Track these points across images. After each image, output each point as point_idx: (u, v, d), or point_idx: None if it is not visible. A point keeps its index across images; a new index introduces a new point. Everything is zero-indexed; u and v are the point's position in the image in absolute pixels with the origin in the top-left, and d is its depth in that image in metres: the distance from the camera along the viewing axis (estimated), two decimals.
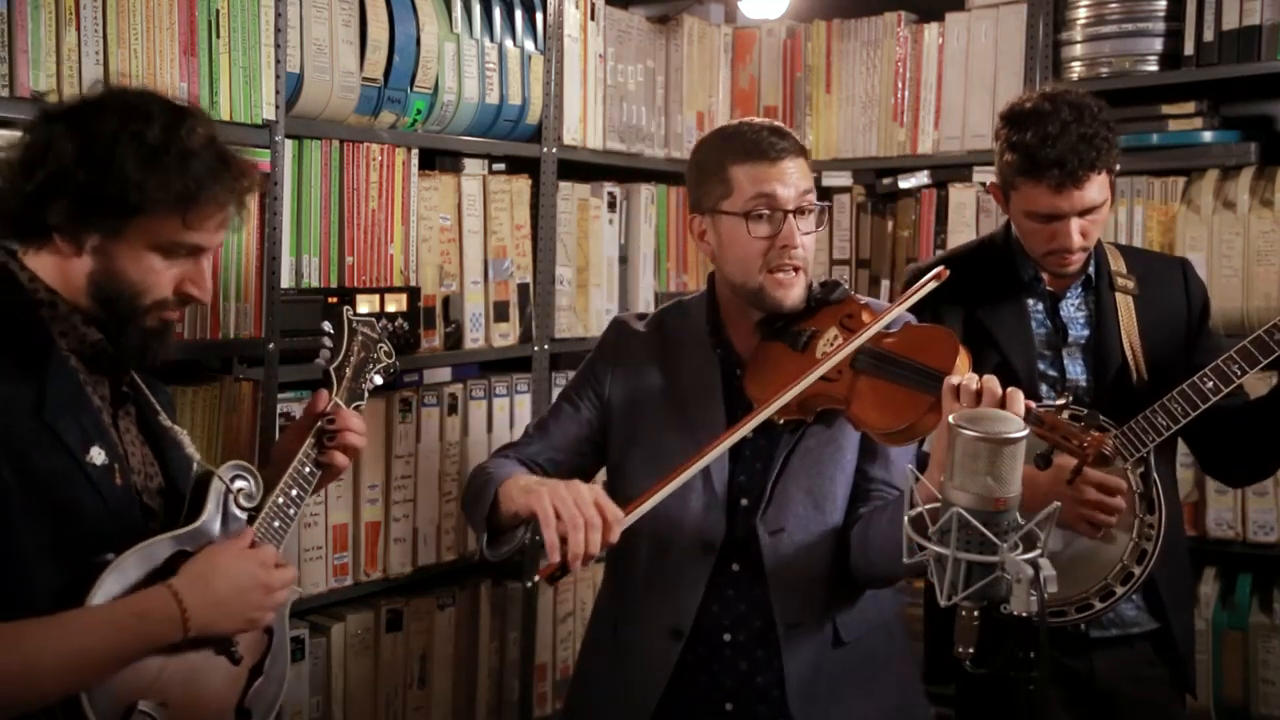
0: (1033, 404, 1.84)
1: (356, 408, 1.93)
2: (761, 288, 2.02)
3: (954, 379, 1.84)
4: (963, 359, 1.94)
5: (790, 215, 1.99)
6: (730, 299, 2.12)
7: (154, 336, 1.64)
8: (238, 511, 1.71)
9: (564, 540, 1.81)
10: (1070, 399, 2.07)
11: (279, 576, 1.69)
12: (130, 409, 1.70)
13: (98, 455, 1.57)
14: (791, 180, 2.00)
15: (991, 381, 1.81)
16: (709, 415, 2.08)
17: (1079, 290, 2.38)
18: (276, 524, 1.75)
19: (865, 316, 2.05)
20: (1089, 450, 1.86)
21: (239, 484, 1.72)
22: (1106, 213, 2.30)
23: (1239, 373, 2.18)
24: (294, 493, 1.80)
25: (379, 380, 1.99)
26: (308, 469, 1.84)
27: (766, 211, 1.99)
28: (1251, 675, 2.95)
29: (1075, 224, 2.23)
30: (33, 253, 1.60)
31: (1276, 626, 2.94)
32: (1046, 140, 2.18)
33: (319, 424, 1.87)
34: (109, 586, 1.51)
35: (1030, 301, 2.37)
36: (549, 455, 2.15)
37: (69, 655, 1.45)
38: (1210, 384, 2.19)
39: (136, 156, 1.54)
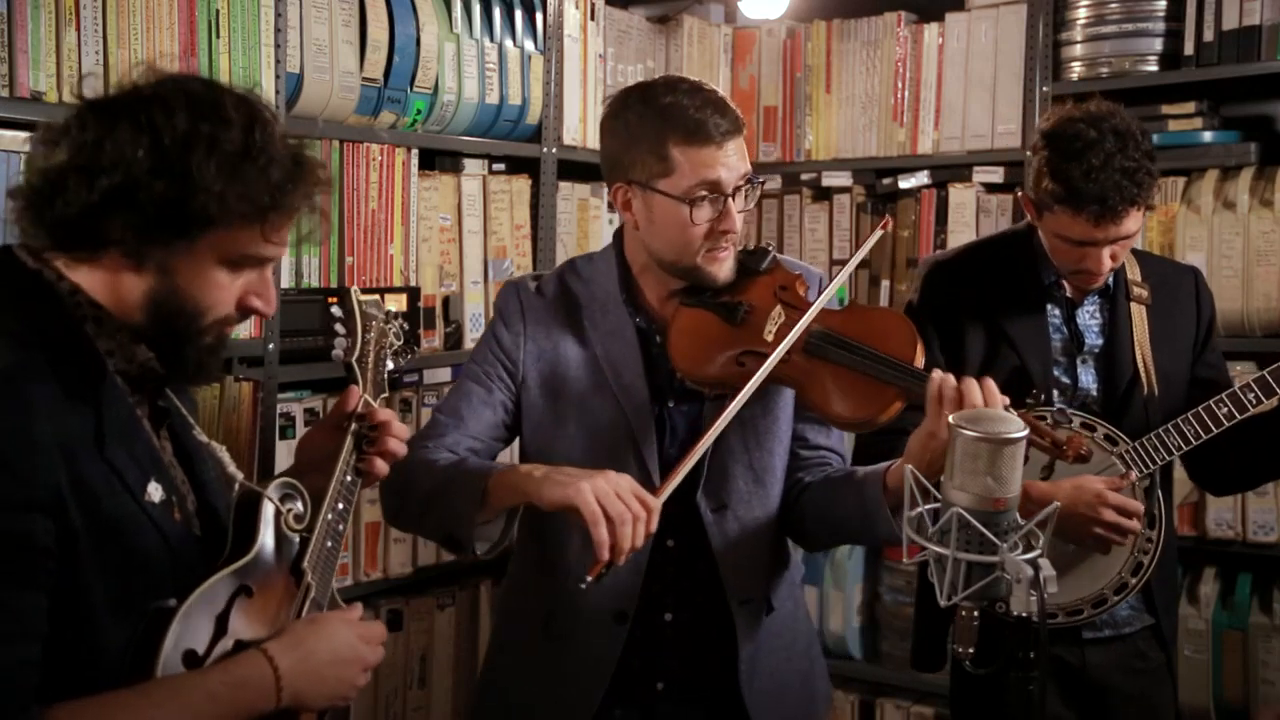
0: (1006, 400, 1.84)
1: (382, 399, 1.80)
2: (696, 267, 1.95)
3: (937, 379, 1.82)
4: (920, 345, 1.91)
5: (729, 197, 1.92)
6: (647, 264, 2.02)
7: (211, 353, 1.50)
8: (289, 534, 1.56)
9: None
10: (1041, 397, 2.10)
11: (377, 654, 1.56)
12: (165, 428, 1.56)
13: (155, 491, 1.43)
14: (733, 163, 1.92)
15: (970, 387, 1.81)
16: (632, 385, 1.98)
17: (1095, 299, 2.39)
18: (329, 544, 1.60)
19: (799, 287, 2.00)
20: (1069, 451, 1.87)
21: (289, 504, 1.57)
22: (1137, 237, 2.31)
23: (1254, 401, 2.22)
24: (340, 507, 1.65)
25: (391, 366, 1.86)
26: (349, 478, 1.68)
27: (709, 196, 1.91)
28: (1251, 675, 2.95)
29: (1106, 250, 2.23)
30: (67, 264, 1.42)
31: (1276, 626, 2.94)
32: (1090, 174, 2.15)
33: (356, 426, 1.71)
34: (179, 638, 1.39)
35: (1049, 306, 2.38)
36: (468, 444, 2.00)
37: None
38: (1225, 410, 2.22)
39: (217, 165, 1.38)
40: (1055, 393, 2.34)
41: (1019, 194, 2.38)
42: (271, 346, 2.44)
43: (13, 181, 1.97)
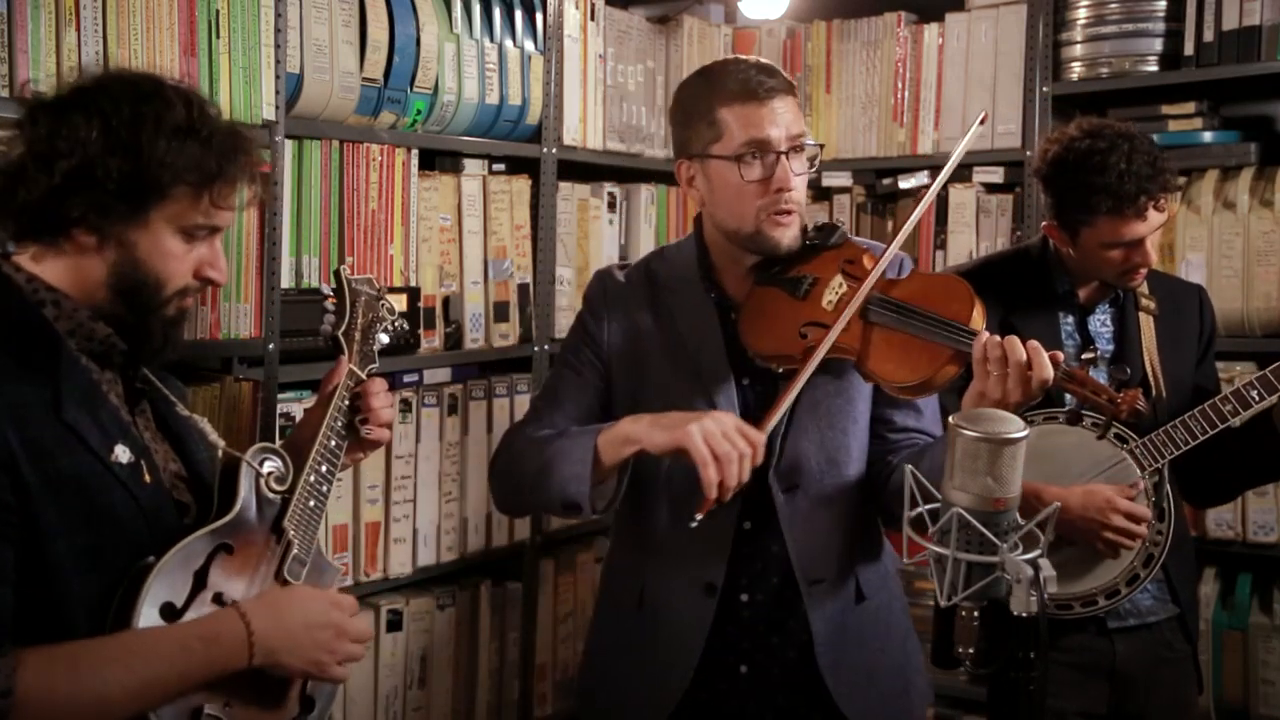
0: (1060, 355, 1.86)
1: (370, 371, 1.86)
2: (757, 231, 1.97)
3: (982, 338, 1.84)
4: (978, 308, 1.91)
5: (782, 156, 1.94)
6: (721, 243, 2.06)
7: (173, 326, 1.60)
8: (270, 495, 1.65)
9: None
10: (1097, 353, 2.13)
11: (354, 624, 1.64)
12: (145, 406, 1.64)
13: (123, 453, 1.51)
14: (782, 120, 1.94)
15: (1013, 343, 1.83)
16: (713, 362, 2.03)
17: (1106, 307, 2.48)
18: (312, 504, 1.69)
19: (867, 261, 2.00)
20: (1123, 406, 1.89)
21: (268, 466, 1.65)
22: None
23: (1257, 398, 2.28)
24: (324, 469, 1.73)
25: (385, 340, 1.91)
26: (333, 443, 1.76)
27: (758, 154, 1.94)
28: (1251, 675, 2.95)
29: (1148, 241, 2.33)
30: (35, 256, 1.53)
31: (1276, 626, 2.94)
32: (1124, 176, 2.26)
33: (341, 394, 1.79)
34: (156, 592, 1.47)
35: (1061, 314, 2.45)
36: (567, 428, 2.06)
37: (138, 682, 1.41)
38: (1229, 406, 2.30)
39: (165, 139, 1.51)
40: (1068, 396, 2.37)
41: (1043, 226, 2.43)
42: (271, 346, 2.44)
43: None
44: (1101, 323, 2.47)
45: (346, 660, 1.64)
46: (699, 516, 1.82)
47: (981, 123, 2.05)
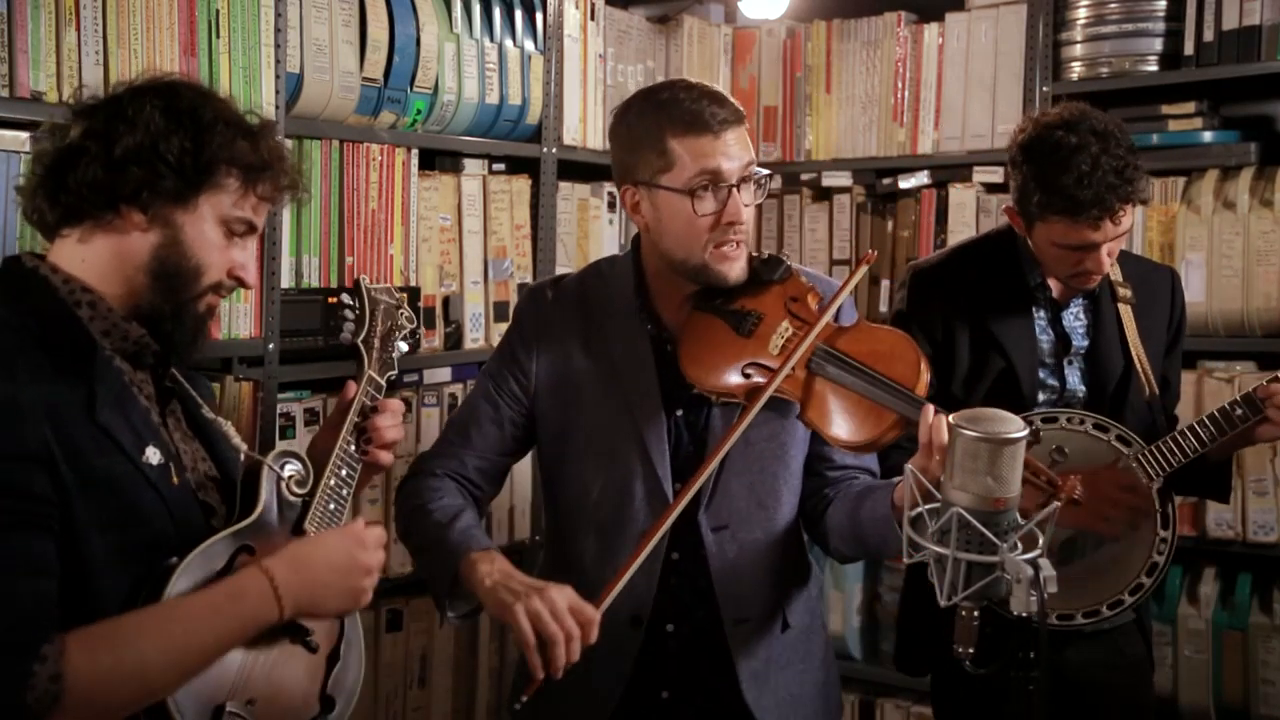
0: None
1: (389, 378, 1.88)
2: (705, 265, 1.93)
3: (929, 416, 1.76)
4: (925, 370, 1.86)
5: (734, 189, 1.90)
6: (661, 269, 2.00)
7: (203, 321, 1.63)
8: (291, 498, 1.67)
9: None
10: (1059, 402, 2.05)
11: (377, 556, 1.65)
12: (175, 405, 1.67)
13: (153, 455, 1.54)
14: (735, 153, 1.90)
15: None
16: (645, 394, 1.98)
17: (1080, 301, 2.39)
18: (332, 506, 1.71)
19: (811, 300, 1.96)
20: (1062, 494, 1.81)
21: (289, 470, 1.67)
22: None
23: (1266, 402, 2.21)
24: (344, 473, 1.74)
25: (404, 348, 1.93)
26: (353, 447, 1.77)
27: (710, 187, 1.89)
28: (1251, 675, 2.95)
29: (1104, 249, 2.22)
30: (82, 237, 1.55)
31: (1276, 626, 2.94)
32: (1082, 181, 2.14)
33: (357, 402, 1.80)
34: (179, 591, 1.48)
35: (1034, 310, 2.37)
36: (475, 464, 2.05)
37: (175, 647, 1.44)
38: (1240, 411, 2.21)
39: (225, 124, 1.58)
40: (1041, 395, 2.34)
41: (1004, 208, 2.38)
42: (271, 346, 2.44)
43: (13, 181, 2.00)
44: (1075, 316, 2.38)
45: (373, 585, 1.66)
46: (524, 699, 1.78)
47: (868, 261, 2.01)
